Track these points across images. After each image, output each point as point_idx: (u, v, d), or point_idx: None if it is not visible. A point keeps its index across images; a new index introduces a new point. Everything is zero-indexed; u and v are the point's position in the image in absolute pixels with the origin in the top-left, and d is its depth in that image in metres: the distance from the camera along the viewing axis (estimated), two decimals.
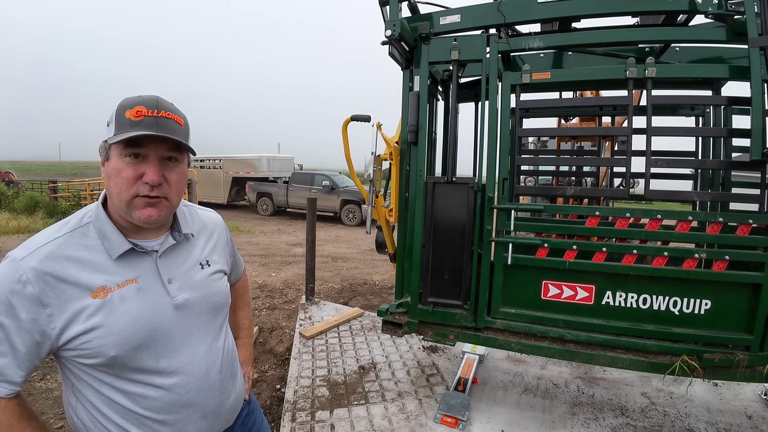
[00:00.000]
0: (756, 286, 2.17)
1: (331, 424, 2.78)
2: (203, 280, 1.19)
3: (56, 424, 2.98)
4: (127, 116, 1.00)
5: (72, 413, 1.10)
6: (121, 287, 1.03)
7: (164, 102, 1.06)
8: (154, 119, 1.02)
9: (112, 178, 1.02)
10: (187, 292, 1.13)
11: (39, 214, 12.23)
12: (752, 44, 2.06)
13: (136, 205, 1.04)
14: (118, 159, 1.01)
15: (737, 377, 2.24)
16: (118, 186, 1.02)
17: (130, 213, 1.04)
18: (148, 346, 1.05)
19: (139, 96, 1.04)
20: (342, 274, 7.37)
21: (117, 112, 1.02)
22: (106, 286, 1.01)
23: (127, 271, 1.06)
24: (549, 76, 2.45)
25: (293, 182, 16.16)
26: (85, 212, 1.09)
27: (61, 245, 1.00)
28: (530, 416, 2.88)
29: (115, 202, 1.05)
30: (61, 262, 0.98)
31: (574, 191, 2.55)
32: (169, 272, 1.12)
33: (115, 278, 1.03)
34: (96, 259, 1.03)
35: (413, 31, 2.59)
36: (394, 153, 2.89)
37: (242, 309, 1.60)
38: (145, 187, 1.03)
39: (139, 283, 1.06)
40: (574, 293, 2.43)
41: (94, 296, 1.00)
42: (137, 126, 1.00)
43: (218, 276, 1.26)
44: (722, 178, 2.84)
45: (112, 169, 1.02)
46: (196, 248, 1.22)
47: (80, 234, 1.04)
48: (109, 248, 1.04)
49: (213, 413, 1.18)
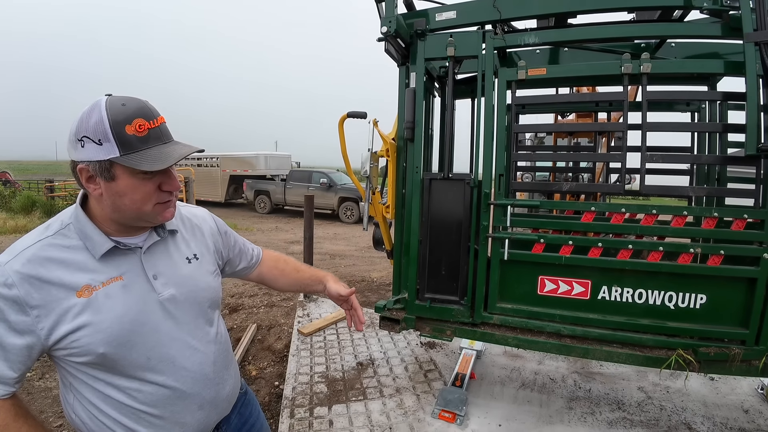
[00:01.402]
0: (751, 281, 2.18)
1: (330, 420, 2.79)
2: (190, 274, 1.19)
3: (55, 423, 2.99)
4: (130, 132, 0.97)
5: (70, 411, 1.11)
6: (105, 285, 1.03)
7: (150, 106, 1.04)
8: (158, 130, 1.03)
9: (128, 195, 1.01)
10: (173, 287, 1.13)
11: (36, 213, 12.20)
12: (747, 39, 2.07)
13: (157, 212, 1.07)
14: (130, 177, 1.00)
15: (733, 371, 2.25)
16: (138, 202, 1.02)
17: (151, 219, 1.08)
18: (137, 342, 1.05)
19: (122, 104, 0.98)
20: (340, 271, 7.38)
21: (113, 128, 0.95)
22: (90, 285, 1.01)
23: (112, 269, 1.05)
24: (545, 72, 2.46)
25: (291, 180, 16.16)
26: (64, 215, 1.09)
27: (43, 248, 1.01)
28: (527, 411, 2.89)
29: (130, 215, 1.05)
30: (44, 264, 0.98)
31: (570, 187, 2.56)
32: (154, 268, 1.12)
33: (99, 276, 1.03)
34: (79, 259, 1.03)
35: (409, 27, 2.59)
36: (391, 150, 2.90)
37: (301, 265, 1.65)
38: (165, 195, 1.07)
39: (124, 280, 1.06)
40: (570, 288, 2.44)
41: (79, 295, 1.00)
42: (147, 142, 1.00)
43: (207, 270, 1.26)
44: (717, 173, 2.84)
45: (125, 188, 1.00)
46: (181, 243, 1.22)
47: (61, 236, 1.04)
48: (91, 248, 1.04)
49: (209, 403, 1.19)
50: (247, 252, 1.51)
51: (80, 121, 0.98)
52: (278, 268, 1.59)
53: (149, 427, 1.09)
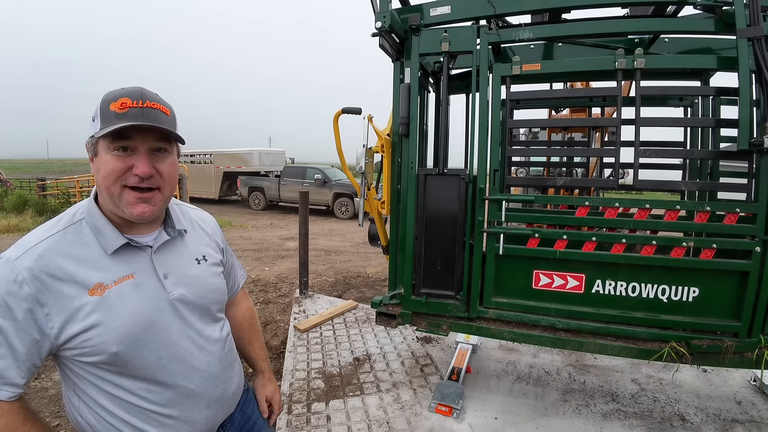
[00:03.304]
0: (743, 274, 2.20)
1: (327, 416, 2.80)
2: (199, 275, 1.19)
3: (53, 423, 2.97)
4: (112, 109, 0.99)
5: (75, 413, 1.08)
6: (117, 283, 1.02)
7: (149, 92, 1.05)
8: (140, 110, 1.01)
9: (101, 172, 1.01)
10: (182, 287, 1.13)
11: (28, 212, 12.08)
12: (740, 35, 2.08)
13: (127, 201, 1.02)
14: (105, 153, 1.00)
15: (725, 363, 2.28)
16: (108, 180, 1.00)
17: (122, 208, 1.03)
18: (149, 341, 1.05)
19: (122, 88, 1.03)
20: (335, 267, 7.38)
21: (101, 106, 1.01)
22: (102, 283, 1.00)
23: (123, 267, 1.05)
24: (539, 67, 2.46)
25: (285, 176, 16.06)
26: (77, 209, 1.08)
27: (55, 243, 0.99)
28: (523, 403, 2.92)
29: (106, 197, 1.04)
30: (56, 260, 0.97)
31: (564, 182, 2.58)
32: (164, 267, 1.11)
33: (111, 275, 1.02)
34: (91, 255, 1.02)
35: (403, 22, 2.59)
36: (386, 145, 2.90)
37: (257, 339, 1.56)
38: (134, 178, 1.01)
39: (136, 279, 1.06)
40: (565, 282, 2.46)
41: (92, 294, 0.99)
42: (123, 118, 0.99)
43: (215, 270, 1.26)
44: (710, 167, 2.87)
45: (100, 163, 1.01)
46: (190, 244, 1.22)
47: (73, 231, 1.03)
48: (104, 244, 1.03)
49: (217, 401, 1.20)
50: (232, 275, 1.46)
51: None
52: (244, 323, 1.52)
53: (159, 427, 1.09)
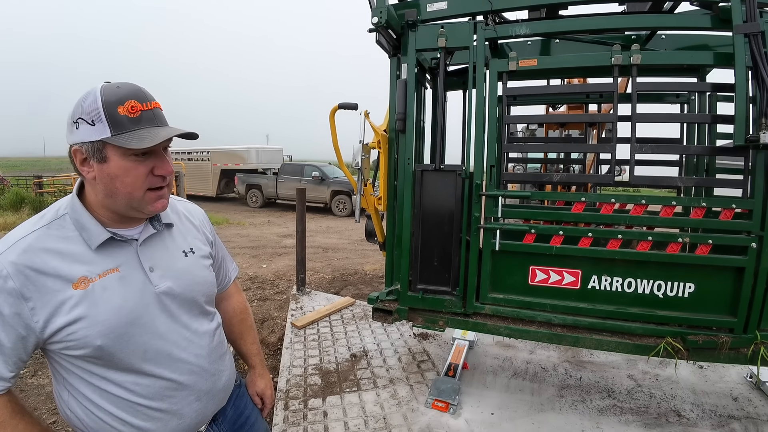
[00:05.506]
0: (739, 270, 2.21)
1: (324, 412, 2.80)
2: (186, 267, 1.19)
3: (49, 420, 2.97)
4: (122, 113, 0.98)
5: (65, 407, 1.09)
6: (102, 277, 1.02)
7: (145, 90, 1.04)
8: (151, 113, 1.02)
9: (119, 178, 1.00)
10: (169, 280, 1.13)
11: (25, 210, 12.04)
12: (737, 31, 2.08)
13: (149, 200, 1.05)
14: (122, 159, 0.99)
15: (721, 359, 2.29)
16: (130, 185, 1.01)
17: (143, 208, 1.06)
18: (134, 334, 1.04)
19: (116, 87, 1.00)
20: (333, 264, 7.38)
21: (105, 108, 0.96)
22: (87, 277, 1.00)
23: (108, 261, 1.05)
24: (536, 63, 2.46)
25: (282, 173, 16.04)
26: (60, 204, 1.08)
27: (39, 238, 0.99)
28: (519, 399, 2.93)
29: (122, 200, 1.03)
30: (39, 255, 0.97)
31: (561, 178, 2.58)
32: (150, 261, 1.11)
33: (95, 268, 1.02)
34: (75, 250, 1.02)
35: (400, 18, 2.57)
36: (382, 141, 2.89)
37: (248, 334, 1.57)
38: (157, 179, 1.05)
39: (120, 272, 1.05)
40: (561, 278, 2.46)
41: (75, 287, 0.99)
42: (139, 123, 0.99)
43: (203, 263, 1.26)
44: (706, 164, 2.87)
45: (116, 170, 0.99)
46: (177, 237, 1.22)
47: (57, 226, 1.03)
48: (87, 239, 1.03)
49: (206, 394, 1.20)
50: (222, 268, 1.45)
51: (76, 104, 0.99)
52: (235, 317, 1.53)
53: (147, 420, 1.09)
